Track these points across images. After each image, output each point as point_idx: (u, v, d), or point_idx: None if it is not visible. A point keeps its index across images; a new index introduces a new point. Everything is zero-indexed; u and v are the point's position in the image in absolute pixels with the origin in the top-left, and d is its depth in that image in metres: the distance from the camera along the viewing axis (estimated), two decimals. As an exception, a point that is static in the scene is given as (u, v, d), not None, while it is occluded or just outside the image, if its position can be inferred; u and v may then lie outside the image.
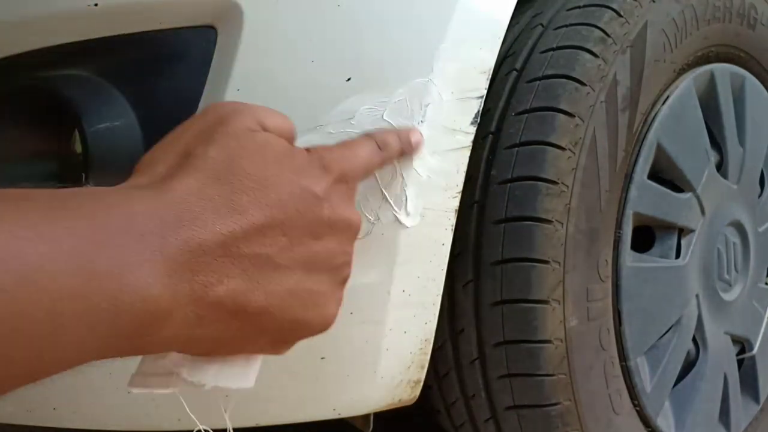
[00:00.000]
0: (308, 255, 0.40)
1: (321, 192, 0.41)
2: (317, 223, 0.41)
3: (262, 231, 0.38)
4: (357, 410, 0.62)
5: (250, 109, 0.41)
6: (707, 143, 0.88)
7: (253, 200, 0.38)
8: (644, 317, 0.79)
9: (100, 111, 0.56)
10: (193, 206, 0.36)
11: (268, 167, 0.39)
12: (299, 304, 0.40)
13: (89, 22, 0.57)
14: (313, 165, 0.42)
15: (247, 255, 0.37)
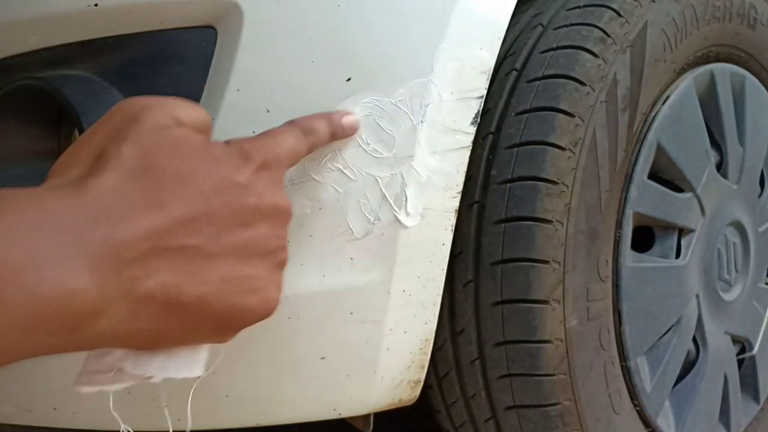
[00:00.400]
0: (239, 242, 0.40)
1: (243, 180, 0.41)
2: (244, 210, 0.41)
3: (185, 223, 0.38)
4: (357, 410, 0.62)
5: (163, 104, 0.41)
6: (707, 143, 0.88)
7: (171, 195, 0.38)
8: (644, 317, 0.79)
9: (100, 111, 0.56)
10: (109, 203, 0.36)
11: (185, 162, 0.39)
12: (236, 290, 0.40)
13: (89, 22, 0.57)
14: (231, 155, 0.42)
15: (173, 248, 0.37)
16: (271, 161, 0.44)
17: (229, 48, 0.55)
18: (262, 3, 0.55)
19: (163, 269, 0.37)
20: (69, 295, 0.34)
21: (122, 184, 0.37)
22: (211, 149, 0.41)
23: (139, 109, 0.40)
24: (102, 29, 0.57)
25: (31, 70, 0.59)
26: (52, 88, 0.56)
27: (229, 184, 0.40)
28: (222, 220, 0.39)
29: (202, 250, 0.39)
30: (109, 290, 0.35)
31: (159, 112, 0.40)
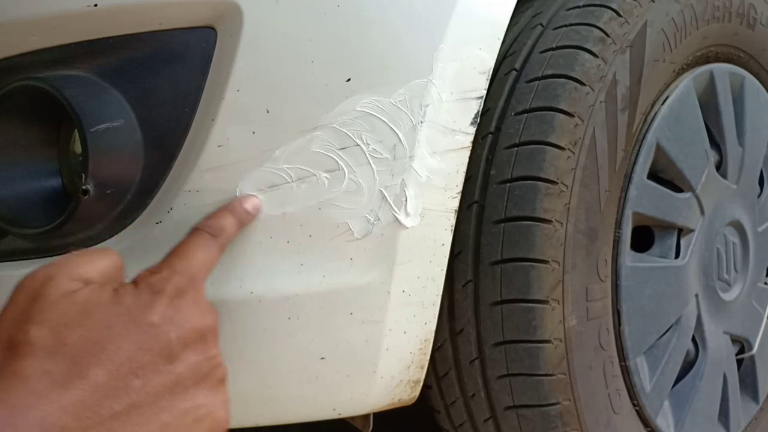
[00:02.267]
0: (170, 380, 0.40)
1: (158, 319, 0.40)
2: (166, 347, 0.40)
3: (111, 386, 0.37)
4: (357, 410, 0.62)
5: (65, 268, 0.41)
6: (707, 143, 0.88)
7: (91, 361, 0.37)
8: (644, 317, 0.79)
9: (100, 111, 0.56)
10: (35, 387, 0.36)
11: (97, 324, 0.39)
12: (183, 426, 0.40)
13: (89, 22, 0.57)
14: (142, 297, 0.41)
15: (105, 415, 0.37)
16: (184, 285, 0.43)
17: (228, 48, 0.55)
18: (261, 3, 0.55)
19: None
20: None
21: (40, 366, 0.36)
22: (120, 300, 0.40)
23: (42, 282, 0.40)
24: (102, 29, 0.57)
25: (30, 70, 0.59)
26: (52, 88, 0.56)
27: (146, 328, 0.40)
28: (147, 367, 0.39)
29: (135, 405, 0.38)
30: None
31: (62, 279, 0.40)
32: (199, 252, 0.46)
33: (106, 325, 0.39)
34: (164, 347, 0.40)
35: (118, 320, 0.39)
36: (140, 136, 0.57)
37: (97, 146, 0.55)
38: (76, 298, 0.39)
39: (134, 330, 0.39)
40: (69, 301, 0.39)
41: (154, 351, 0.40)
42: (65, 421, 0.36)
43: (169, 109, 0.56)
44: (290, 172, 0.56)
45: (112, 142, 0.56)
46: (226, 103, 0.55)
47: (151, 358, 0.39)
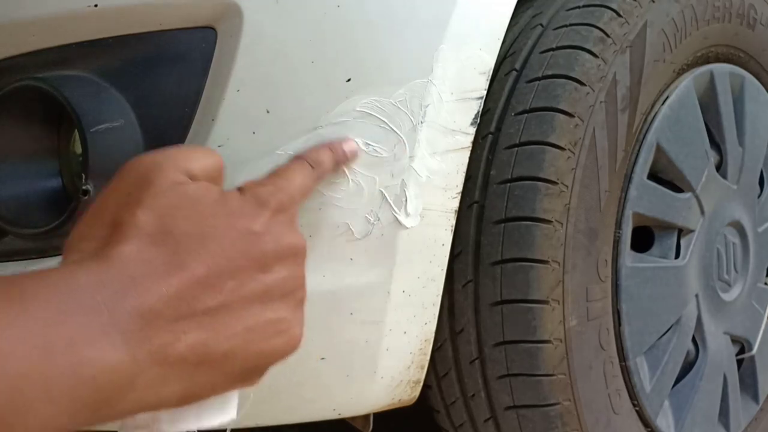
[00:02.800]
0: (261, 289, 0.41)
1: (260, 228, 0.41)
2: (263, 257, 0.41)
3: (208, 282, 0.38)
4: (357, 410, 0.62)
5: (173, 160, 0.41)
6: (707, 143, 0.88)
7: (193, 255, 0.38)
8: (644, 317, 0.79)
9: (100, 112, 0.56)
10: (135, 272, 0.36)
11: (203, 219, 0.39)
12: (261, 337, 0.41)
13: (89, 22, 0.57)
14: (247, 205, 0.42)
15: (198, 308, 0.38)
16: (285, 203, 0.44)
17: (228, 49, 0.55)
18: (261, 4, 0.55)
19: (191, 331, 0.37)
20: (107, 371, 0.34)
21: (143, 251, 0.37)
22: (227, 202, 0.41)
23: (150, 168, 0.40)
24: (102, 30, 0.57)
25: (31, 70, 0.59)
26: (52, 88, 0.56)
27: (247, 235, 0.40)
28: (243, 272, 0.40)
29: (226, 305, 0.39)
30: (142, 360, 0.36)
31: (171, 169, 0.40)
32: (299, 177, 0.47)
33: (211, 223, 0.39)
34: (261, 257, 0.41)
35: (222, 221, 0.40)
36: (140, 137, 0.57)
37: (97, 146, 0.55)
38: (185, 191, 0.40)
39: (236, 234, 0.40)
40: (177, 192, 0.40)
41: (251, 258, 0.40)
42: (160, 310, 0.36)
43: (170, 109, 0.56)
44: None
45: (113, 143, 0.56)
46: (226, 103, 0.55)
47: (248, 263, 0.40)
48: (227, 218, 0.40)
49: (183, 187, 0.40)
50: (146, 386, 0.36)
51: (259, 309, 0.41)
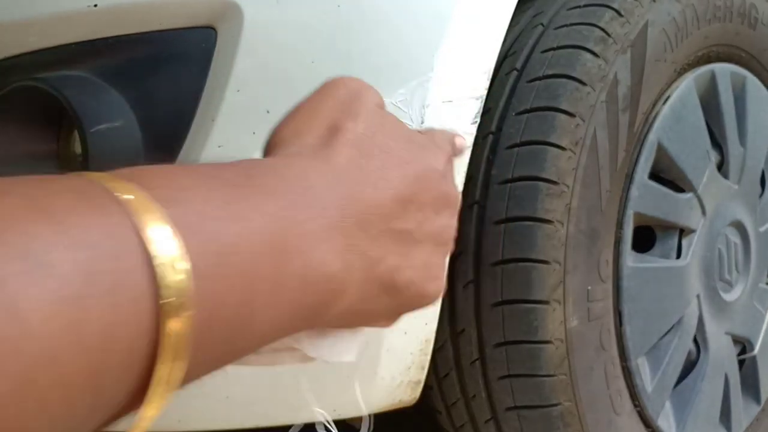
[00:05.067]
0: (435, 229, 0.41)
1: (441, 168, 0.42)
2: (440, 198, 0.42)
3: (406, 206, 0.39)
4: (357, 411, 0.62)
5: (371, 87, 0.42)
6: (708, 143, 0.88)
7: (399, 175, 0.38)
8: (645, 317, 0.79)
9: (100, 112, 0.56)
10: (357, 177, 0.36)
11: (404, 145, 0.40)
12: (426, 277, 0.41)
13: (89, 22, 0.57)
14: (431, 144, 0.43)
15: (398, 229, 0.38)
16: (451, 154, 0.45)
17: (229, 48, 0.55)
18: (262, 3, 0.55)
19: (391, 252, 0.37)
20: (330, 277, 0.34)
21: (360, 159, 0.37)
22: (416, 136, 0.42)
23: (360, 87, 0.41)
24: (102, 30, 0.57)
25: (31, 70, 0.59)
26: (52, 88, 0.56)
27: (433, 171, 0.41)
28: (426, 206, 0.40)
29: (413, 234, 0.39)
30: (355, 271, 0.35)
31: (375, 94, 0.41)
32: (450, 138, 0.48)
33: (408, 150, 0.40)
34: (439, 196, 0.41)
35: (417, 151, 0.40)
36: (140, 137, 0.57)
37: (98, 146, 0.55)
38: (387, 117, 0.41)
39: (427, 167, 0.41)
40: (383, 115, 0.40)
41: (432, 195, 0.41)
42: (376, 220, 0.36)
43: (170, 110, 0.56)
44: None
45: (113, 143, 0.56)
46: (227, 104, 0.55)
47: (430, 200, 0.41)
48: (419, 150, 0.41)
49: (384, 112, 0.41)
50: (351, 300, 0.36)
51: (431, 248, 0.41)
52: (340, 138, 0.37)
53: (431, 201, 0.40)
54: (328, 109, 0.39)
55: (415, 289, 0.40)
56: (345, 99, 0.40)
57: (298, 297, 0.32)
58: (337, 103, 0.40)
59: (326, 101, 0.40)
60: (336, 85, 0.41)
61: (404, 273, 0.39)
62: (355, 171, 0.36)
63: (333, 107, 0.39)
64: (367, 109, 0.39)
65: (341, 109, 0.39)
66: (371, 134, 0.38)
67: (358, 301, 0.36)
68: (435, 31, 0.59)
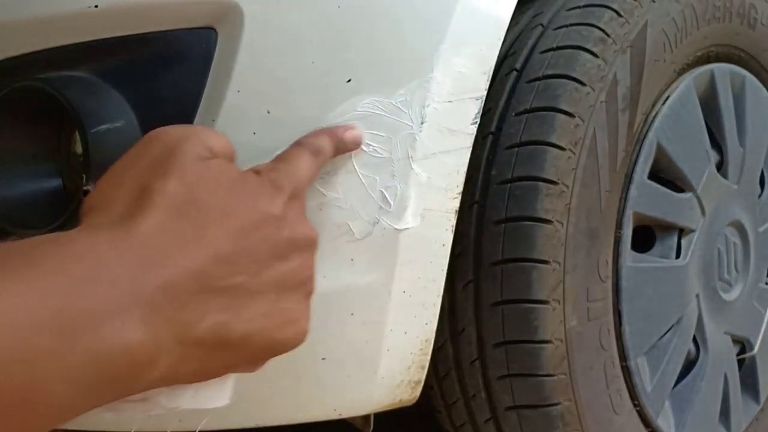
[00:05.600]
0: (277, 276, 0.40)
1: (278, 212, 0.41)
2: (280, 244, 0.40)
3: (231, 260, 0.37)
4: (357, 410, 0.63)
5: (197, 134, 0.40)
6: (707, 143, 0.88)
7: (218, 231, 0.37)
8: (644, 317, 0.79)
9: (101, 112, 0.56)
10: (160, 244, 0.35)
11: (227, 196, 0.38)
12: (275, 325, 0.40)
13: (89, 23, 0.57)
14: (265, 187, 0.41)
15: (221, 287, 0.37)
16: (297, 190, 0.43)
17: (229, 49, 0.55)
18: (262, 4, 0.55)
19: (213, 310, 0.36)
20: (128, 349, 0.33)
21: (170, 222, 0.36)
22: (248, 181, 0.40)
23: (177, 139, 0.39)
24: (102, 30, 0.57)
25: (31, 71, 0.59)
26: (53, 89, 0.56)
27: (267, 217, 0.40)
28: (262, 255, 0.39)
29: (245, 287, 0.38)
30: (164, 338, 0.34)
31: (196, 143, 0.39)
32: (305, 164, 0.46)
33: (234, 200, 0.39)
34: (278, 242, 0.40)
35: (244, 200, 0.39)
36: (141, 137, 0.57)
37: (99, 147, 0.55)
38: (210, 166, 0.39)
39: (258, 215, 0.39)
40: (204, 165, 0.39)
41: (269, 243, 0.40)
42: (186, 285, 0.35)
43: (170, 110, 0.56)
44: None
45: (114, 143, 0.56)
46: (227, 104, 0.55)
47: (266, 248, 0.39)
48: (248, 198, 0.39)
49: (207, 161, 0.39)
50: (166, 365, 0.35)
51: (274, 296, 0.40)
52: (146, 202, 0.36)
53: (270, 248, 0.39)
54: (137, 171, 0.38)
55: (260, 339, 0.39)
56: (158, 156, 0.38)
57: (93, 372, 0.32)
58: (148, 163, 0.38)
59: (138, 161, 0.39)
60: (149, 142, 0.39)
61: (236, 327, 0.38)
62: (159, 237, 0.35)
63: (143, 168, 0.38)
64: (183, 164, 0.38)
65: (153, 168, 0.38)
66: (186, 191, 0.37)
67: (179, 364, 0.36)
68: (435, 32, 0.59)
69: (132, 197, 0.37)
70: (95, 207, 0.38)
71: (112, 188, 0.38)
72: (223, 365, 0.39)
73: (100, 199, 0.38)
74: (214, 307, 0.37)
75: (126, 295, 0.33)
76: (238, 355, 0.39)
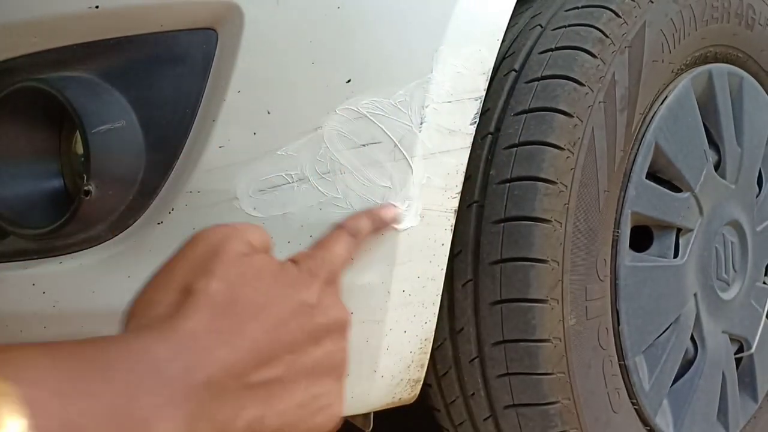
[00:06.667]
0: (311, 363, 0.41)
1: (314, 300, 0.42)
2: (315, 330, 0.41)
3: (270, 355, 0.38)
4: (357, 409, 0.63)
5: (238, 232, 0.42)
6: (705, 143, 0.89)
7: (258, 326, 0.38)
8: (642, 316, 0.80)
9: (101, 113, 0.56)
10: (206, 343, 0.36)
11: (268, 290, 0.40)
12: (308, 413, 0.41)
13: (90, 24, 0.57)
14: (303, 275, 0.42)
15: (258, 382, 0.38)
16: (332, 276, 0.45)
17: (229, 50, 0.55)
18: (262, 5, 0.56)
19: (249, 407, 0.37)
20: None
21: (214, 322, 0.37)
22: (286, 272, 0.42)
23: (220, 238, 0.41)
24: (103, 31, 0.57)
25: (32, 71, 0.59)
26: (54, 89, 0.56)
27: (304, 307, 0.41)
28: (297, 344, 0.40)
29: (281, 379, 0.39)
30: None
31: (238, 240, 0.41)
32: (341, 248, 0.48)
33: (274, 292, 0.40)
34: (314, 329, 0.41)
35: (284, 291, 0.40)
36: (141, 137, 0.57)
37: (99, 147, 0.55)
38: (252, 262, 0.40)
39: (296, 306, 0.40)
40: (245, 262, 0.40)
41: (305, 331, 0.41)
42: (226, 383, 0.36)
43: (171, 111, 0.57)
44: (291, 173, 0.56)
45: (114, 143, 0.56)
46: (227, 105, 0.55)
47: (302, 337, 0.40)
48: (287, 288, 0.41)
49: (249, 258, 0.41)
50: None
51: (309, 383, 0.41)
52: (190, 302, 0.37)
53: (305, 336, 0.40)
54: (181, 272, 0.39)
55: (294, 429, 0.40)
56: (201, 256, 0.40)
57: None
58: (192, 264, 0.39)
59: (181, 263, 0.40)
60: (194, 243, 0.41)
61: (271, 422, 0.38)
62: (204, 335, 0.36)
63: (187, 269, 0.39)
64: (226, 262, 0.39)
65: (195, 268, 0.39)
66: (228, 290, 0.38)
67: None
68: (434, 32, 0.59)
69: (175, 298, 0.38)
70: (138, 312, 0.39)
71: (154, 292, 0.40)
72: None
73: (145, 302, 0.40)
74: (250, 402, 0.38)
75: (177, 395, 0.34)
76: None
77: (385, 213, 0.54)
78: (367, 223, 0.53)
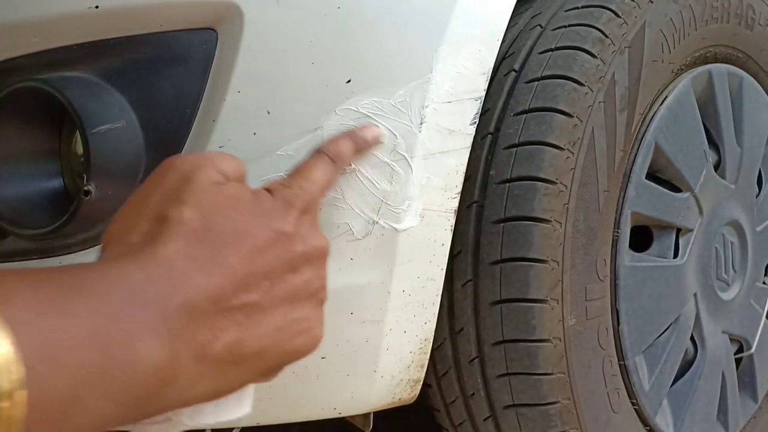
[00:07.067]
0: (289, 289, 0.42)
1: (290, 229, 0.42)
2: (293, 258, 0.42)
3: (246, 280, 0.39)
4: (357, 409, 0.63)
5: (210, 160, 0.42)
6: (705, 143, 0.89)
7: (233, 252, 0.39)
8: (642, 316, 0.80)
9: (101, 113, 0.56)
10: (181, 269, 0.37)
11: (242, 218, 0.40)
12: (288, 336, 0.42)
13: (90, 24, 0.57)
14: (278, 205, 0.43)
15: (236, 306, 0.39)
16: (310, 203, 0.45)
17: (229, 50, 0.56)
18: (262, 5, 0.56)
19: (228, 329, 0.38)
20: (156, 367, 0.35)
21: (189, 248, 0.38)
22: (261, 202, 0.42)
23: (191, 167, 0.41)
24: (103, 31, 0.57)
25: (32, 71, 0.59)
26: (54, 89, 0.56)
27: (280, 236, 0.41)
28: (275, 272, 0.41)
29: (259, 304, 0.40)
30: (184, 357, 0.36)
31: (209, 168, 0.41)
32: (321, 174, 0.48)
33: (249, 221, 0.40)
34: (291, 257, 0.42)
35: (258, 220, 0.41)
36: (141, 138, 0.57)
37: (99, 147, 0.55)
38: (224, 190, 0.41)
39: (271, 234, 0.41)
40: (218, 190, 0.40)
41: (282, 259, 0.41)
42: (204, 306, 0.37)
43: (171, 111, 0.57)
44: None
45: (114, 143, 0.56)
46: (227, 105, 0.55)
47: (280, 264, 0.41)
48: (262, 218, 0.41)
49: (221, 186, 0.41)
50: (185, 383, 0.37)
51: (288, 308, 0.42)
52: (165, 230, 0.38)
53: (283, 264, 0.41)
54: (153, 201, 0.40)
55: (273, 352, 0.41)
56: (173, 185, 0.40)
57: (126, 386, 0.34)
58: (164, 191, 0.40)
59: (153, 191, 0.40)
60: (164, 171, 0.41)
61: (250, 344, 0.39)
62: (179, 261, 0.37)
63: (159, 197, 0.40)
64: (197, 191, 0.39)
65: (168, 196, 0.39)
66: (202, 217, 0.39)
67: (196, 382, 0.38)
68: (434, 33, 0.59)
69: (149, 226, 0.39)
70: (114, 238, 0.40)
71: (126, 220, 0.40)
72: (239, 380, 0.41)
73: (119, 230, 0.40)
74: (229, 325, 0.38)
75: (155, 317, 0.35)
76: (253, 369, 0.41)
77: (367, 132, 0.54)
78: (348, 146, 0.52)
